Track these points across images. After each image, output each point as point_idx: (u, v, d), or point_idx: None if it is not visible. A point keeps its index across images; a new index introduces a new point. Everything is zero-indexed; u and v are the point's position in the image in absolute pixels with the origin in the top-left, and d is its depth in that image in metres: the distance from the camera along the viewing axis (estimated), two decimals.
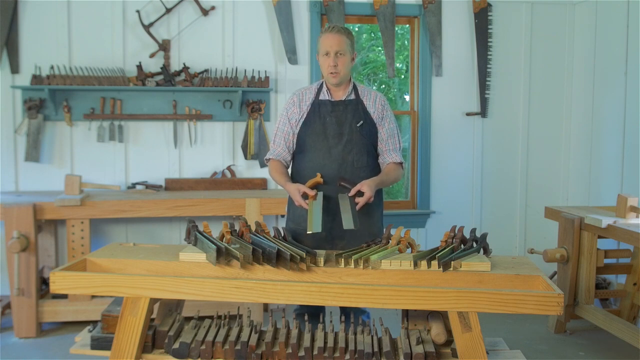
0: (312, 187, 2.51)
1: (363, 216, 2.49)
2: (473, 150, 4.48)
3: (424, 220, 4.45)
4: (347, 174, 2.59)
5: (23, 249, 3.38)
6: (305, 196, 2.44)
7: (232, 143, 4.21)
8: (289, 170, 2.75)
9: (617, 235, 3.08)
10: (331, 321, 2.16)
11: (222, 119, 4.15)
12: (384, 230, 2.72)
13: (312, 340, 2.09)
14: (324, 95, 2.65)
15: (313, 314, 2.47)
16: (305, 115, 2.64)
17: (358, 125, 2.61)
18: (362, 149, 2.62)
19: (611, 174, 4.06)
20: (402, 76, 5.86)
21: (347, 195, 2.46)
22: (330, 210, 2.57)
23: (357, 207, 2.41)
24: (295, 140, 2.68)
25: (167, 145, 4.15)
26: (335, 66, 2.53)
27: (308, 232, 2.26)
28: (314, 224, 2.26)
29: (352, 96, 2.66)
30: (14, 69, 3.92)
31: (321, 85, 2.68)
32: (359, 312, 2.75)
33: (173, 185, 4.07)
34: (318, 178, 2.57)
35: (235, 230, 2.32)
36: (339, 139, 2.60)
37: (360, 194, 2.43)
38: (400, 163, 2.69)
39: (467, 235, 2.28)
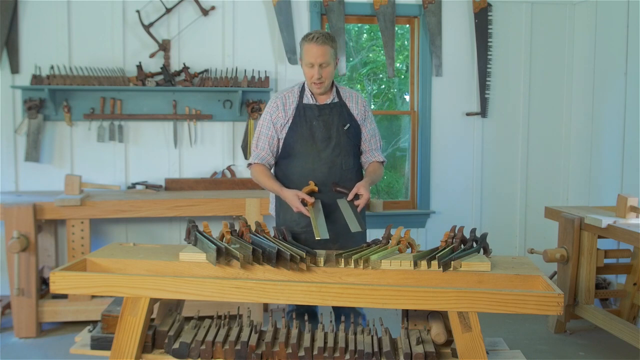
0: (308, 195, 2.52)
1: None
2: (473, 151, 4.48)
3: (424, 220, 4.45)
4: (336, 177, 2.61)
5: (23, 249, 3.38)
6: (303, 203, 2.45)
7: (232, 143, 4.20)
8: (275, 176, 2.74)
9: (617, 235, 3.08)
10: (331, 321, 2.16)
11: (222, 119, 4.15)
12: (366, 227, 2.73)
13: (312, 340, 2.09)
14: (308, 99, 2.64)
15: (307, 313, 2.47)
16: (291, 120, 2.63)
17: (345, 128, 2.63)
18: (349, 151, 2.65)
19: (611, 174, 4.06)
20: (402, 76, 5.85)
21: (345, 199, 2.48)
22: (323, 213, 2.58)
23: (359, 209, 2.44)
24: (279, 145, 2.66)
25: (167, 145, 4.14)
26: (319, 78, 2.54)
27: (317, 239, 2.26)
28: (321, 230, 2.28)
29: (336, 99, 2.67)
30: (14, 69, 3.92)
31: (303, 89, 2.67)
32: (356, 315, 2.74)
33: (173, 185, 4.07)
34: (312, 186, 2.57)
35: (235, 230, 2.32)
36: (327, 142, 2.60)
37: (356, 196, 2.46)
38: (382, 162, 2.74)
39: (467, 235, 2.28)
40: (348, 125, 2.64)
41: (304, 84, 2.67)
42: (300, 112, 2.62)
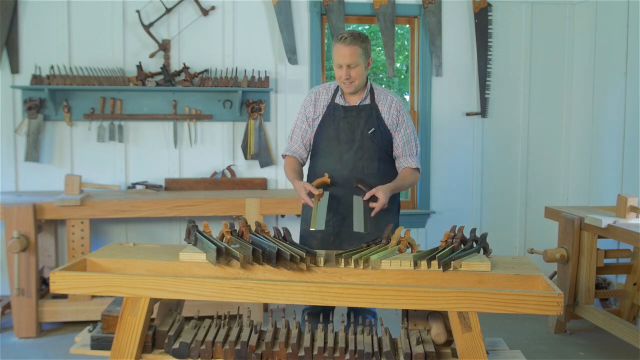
0: (319, 187, 2.52)
1: (380, 218, 2.50)
2: (473, 150, 4.48)
3: (424, 220, 4.45)
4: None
5: (23, 249, 3.38)
6: (311, 195, 2.45)
7: (232, 143, 4.21)
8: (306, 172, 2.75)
9: (617, 235, 3.08)
10: (331, 321, 2.16)
11: (222, 119, 4.15)
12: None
13: (312, 340, 2.09)
14: (340, 100, 2.64)
15: (320, 313, 2.47)
16: (320, 118, 2.64)
17: (369, 132, 2.60)
18: (373, 156, 2.62)
19: (611, 174, 4.06)
20: (402, 76, 5.86)
21: (361, 198, 2.48)
22: (340, 213, 2.58)
23: (372, 213, 2.42)
24: (312, 138, 2.68)
25: (167, 145, 4.14)
26: (347, 78, 2.52)
27: (311, 229, 2.27)
28: (318, 221, 2.29)
29: (367, 101, 2.63)
30: (14, 69, 3.92)
31: (338, 88, 2.66)
32: (365, 311, 2.75)
33: (173, 185, 4.07)
34: (325, 178, 2.58)
35: (235, 230, 2.32)
36: (350, 145, 2.60)
37: (374, 199, 2.43)
38: (417, 168, 2.68)
39: (467, 235, 2.28)
40: (373, 129, 2.60)
41: None
42: (331, 111, 2.63)
